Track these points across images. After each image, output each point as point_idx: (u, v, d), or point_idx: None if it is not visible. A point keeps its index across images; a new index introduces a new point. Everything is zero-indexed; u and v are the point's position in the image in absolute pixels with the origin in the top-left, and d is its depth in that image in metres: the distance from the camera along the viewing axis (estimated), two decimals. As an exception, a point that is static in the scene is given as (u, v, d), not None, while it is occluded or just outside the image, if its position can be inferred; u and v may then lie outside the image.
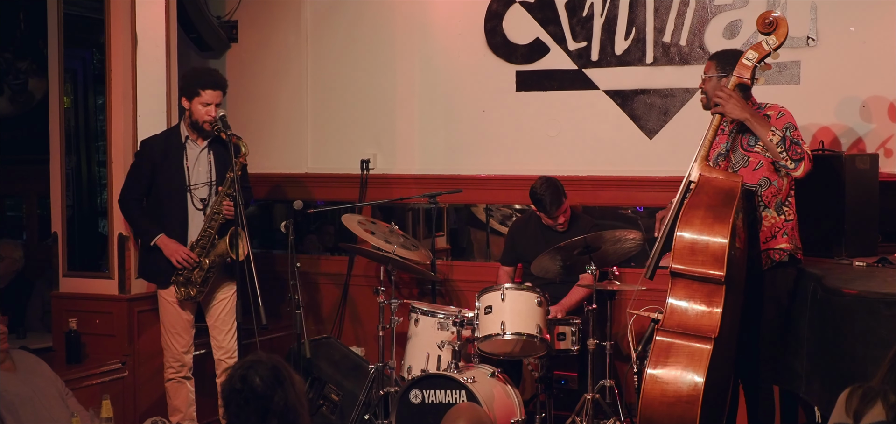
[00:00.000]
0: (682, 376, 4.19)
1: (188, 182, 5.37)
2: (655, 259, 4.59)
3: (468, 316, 5.37)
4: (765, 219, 4.61)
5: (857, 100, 5.57)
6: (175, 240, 5.35)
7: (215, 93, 5.33)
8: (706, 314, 4.24)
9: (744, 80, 4.53)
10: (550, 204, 5.60)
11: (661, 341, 4.28)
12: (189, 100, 5.35)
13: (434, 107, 6.62)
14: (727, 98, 4.51)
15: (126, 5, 5.69)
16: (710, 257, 4.23)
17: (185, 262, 5.31)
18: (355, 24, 6.80)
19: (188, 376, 5.53)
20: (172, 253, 5.32)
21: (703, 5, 5.89)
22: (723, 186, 4.40)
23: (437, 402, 5.02)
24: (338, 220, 6.56)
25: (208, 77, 5.39)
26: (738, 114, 4.51)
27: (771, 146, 4.49)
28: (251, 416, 2.91)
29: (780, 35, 4.49)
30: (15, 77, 7.37)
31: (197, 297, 5.39)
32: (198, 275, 5.34)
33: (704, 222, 4.27)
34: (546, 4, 6.27)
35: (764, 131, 4.49)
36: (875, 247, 5.05)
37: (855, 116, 5.57)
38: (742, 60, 4.54)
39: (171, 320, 5.47)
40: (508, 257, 6.00)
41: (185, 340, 5.50)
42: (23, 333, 6.26)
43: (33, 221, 7.64)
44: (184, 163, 5.36)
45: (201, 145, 5.42)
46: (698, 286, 4.27)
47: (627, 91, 6.11)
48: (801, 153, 4.46)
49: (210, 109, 5.31)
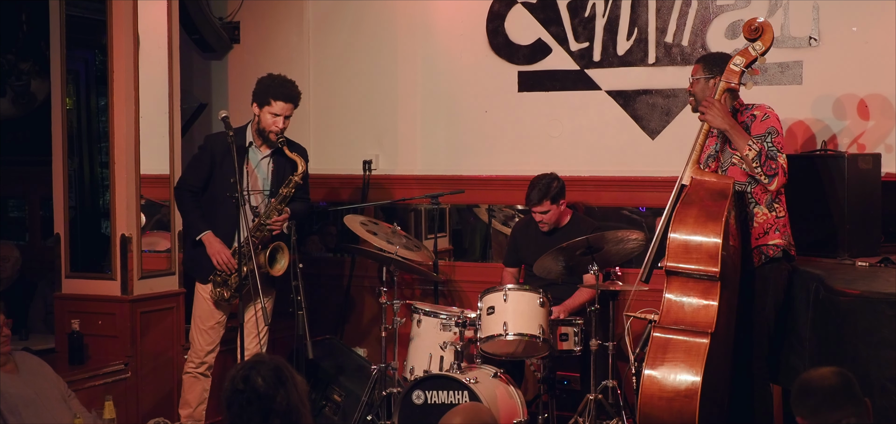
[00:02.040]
0: (680, 371, 4.23)
1: (245, 186, 5.33)
2: (650, 262, 4.64)
3: (470, 317, 5.37)
4: (757, 216, 4.66)
5: (859, 99, 5.56)
6: (220, 240, 5.35)
7: (286, 105, 5.31)
8: (702, 309, 4.29)
9: (731, 85, 4.64)
10: (529, 197, 5.61)
11: (658, 337, 4.33)
12: (260, 107, 5.34)
13: (436, 108, 6.62)
14: (710, 106, 4.61)
15: (128, 6, 5.69)
16: (705, 255, 4.30)
17: (226, 267, 5.32)
18: (357, 25, 6.80)
19: (206, 373, 5.55)
20: (215, 253, 5.32)
21: (704, 6, 5.89)
22: (715, 187, 4.48)
23: (439, 403, 5.02)
24: (340, 221, 6.56)
25: (282, 89, 5.34)
26: (719, 124, 4.60)
27: (747, 160, 4.58)
28: (253, 416, 2.91)
29: (765, 40, 4.61)
30: (17, 78, 7.37)
31: (230, 300, 5.40)
32: (234, 280, 5.33)
33: (698, 221, 4.35)
34: (548, 5, 6.27)
35: (742, 144, 4.58)
36: (877, 247, 5.06)
37: (859, 116, 5.57)
38: (730, 66, 4.64)
39: (203, 316, 5.48)
40: (511, 258, 6.00)
41: (212, 339, 5.51)
42: (25, 334, 6.25)
43: (36, 222, 7.64)
44: (244, 166, 5.34)
45: (264, 152, 5.42)
46: (694, 283, 4.33)
47: (629, 91, 6.11)
48: (775, 169, 4.55)
49: (278, 121, 5.30)
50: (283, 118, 5.31)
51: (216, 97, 7.17)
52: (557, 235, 5.65)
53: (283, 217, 5.31)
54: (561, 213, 5.67)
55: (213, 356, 5.55)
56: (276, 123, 5.30)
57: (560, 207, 5.64)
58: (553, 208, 5.59)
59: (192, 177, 5.49)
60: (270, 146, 5.41)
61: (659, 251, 4.63)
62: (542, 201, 5.57)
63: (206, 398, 5.56)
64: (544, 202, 5.58)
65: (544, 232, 5.70)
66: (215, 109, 6.82)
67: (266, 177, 5.43)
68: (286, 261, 5.29)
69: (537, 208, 5.60)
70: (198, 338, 5.51)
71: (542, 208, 5.59)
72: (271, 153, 5.43)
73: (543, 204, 5.58)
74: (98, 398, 5.04)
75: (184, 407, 5.54)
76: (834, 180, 4.99)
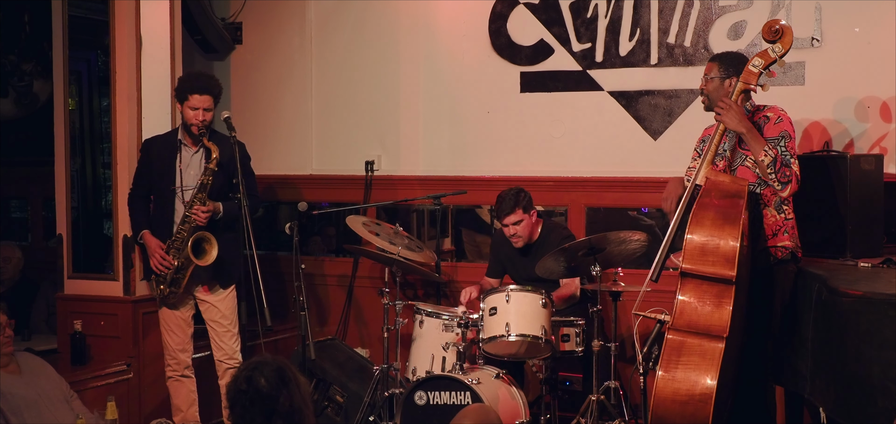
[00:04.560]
0: (695, 375, 4.19)
1: (178, 183, 5.41)
2: (661, 261, 4.60)
3: (473, 318, 5.36)
4: (766, 217, 4.65)
5: (861, 101, 5.56)
6: (158, 239, 5.41)
7: (203, 97, 5.35)
8: (716, 313, 4.26)
9: (749, 86, 4.59)
10: (500, 209, 5.57)
11: (672, 339, 4.28)
12: (180, 104, 5.41)
13: (438, 108, 6.62)
14: (728, 109, 4.56)
15: (131, 7, 5.69)
16: (721, 259, 4.25)
17: (160, 263, 5.37)
18: (360, 26, 6.81)
19: (187, 374, 5.56)
20: (151, 252, 5.40)
21: (707, 6, 5.88)
22: (730, 188, 4.44)
23: (441, 403, 5.02)
24: (342, 221, 6.56)
25: (197, 82, 5.41)
26: (736, 126, 4.56)
27: (761, 166, 4.55)
28: (256, 417, 2.92)
29: (785, 43, 4.55)
30: (20, 79, 7.38)
31: (169, 297, 5.44)
32: (169, 274, 5.39)
33: (715, 224, 4.30)
34: (550, 5, 6.27)
35: (758, 149, 4.54)
36: (880, 248, 5.05)
37: (860, 117, 5.57)
38: (748, 67, 4.58)
39: (166, 315, 5.54)
40: (493, 268, 5.96)
41: (180, 338, 5.54)
42: (28, 335, 6.26)
43: (38, 223, 7.65)
44: (176, 164, 5.41)
45: (194, 149, 5.46)
46: (708, 286, 4.29)
47: (632, 92, 6.11)
48: (789, 176, 4.52)
49: (198, 114, 5.34)
50: (202, 110, 5.35)
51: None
52: (533, 249, 5.63)
53: (207, 207, 5.31)
54: (533, 224, 5.64)
55: (188, 356, 5.58)
56: (197, 117, 5.35)
57: (531, 217, 5.60)
58: (525, 217, 5.55)
59: (135, 183, 5.59)
60: (196, 141, 5.44)
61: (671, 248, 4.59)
62: (514, 210, 5.53)
63: (194, 399, 5.58)
64: (516, 211, 5.53)
65: (518, 248, 5.66)
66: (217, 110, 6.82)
67: (198, 171, 5.44)
68: (215, 252, 5.30)
69: (510, 219, 5.54)
70: (167, 338, 5.56)
71: (515, 218, 5.54)
72: (200, 148, 5.45)
73: (516, 213, 5.53)
74: (100, 398, 5.05)
75: (176, 413, 5.57)
76: (837, 180, 4.99)
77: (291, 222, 5.67)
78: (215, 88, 5.44)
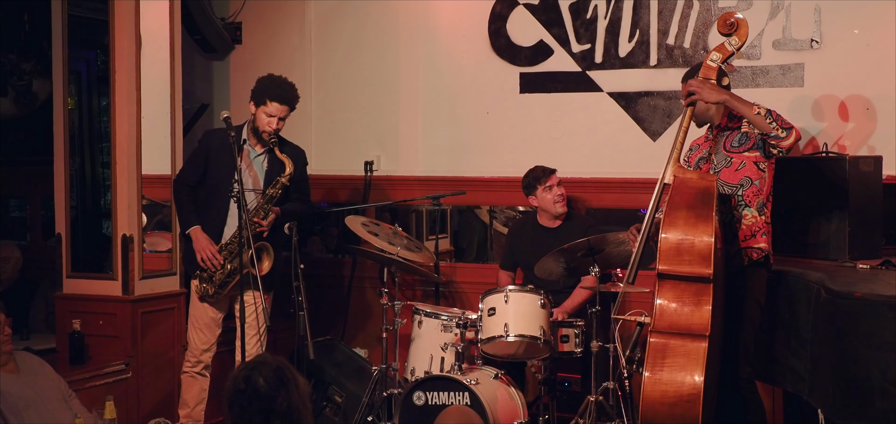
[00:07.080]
0: (682, 375, 4.19)
1: (248, 184, 5.36)
2: (636, 264, 4.61)
3: (472, 318, 5.37)
4: (745, 218, 4.62)
5: (860, 102, 5.56)
6: (208, 236, 5.36)
7: (281, 107, 5.34)
8: (696, 312, 4.25)
9: (709, 80, 4.59)
10: (538, 179, 5.73)
11: (655, 342, 4.27)
12: (256, 106, 5.37)
13: (438, 109, 6.62)
14: (701, 85, 4.56)
15: (130, 7, 5.69)
16: (697, 257, 4.24)
17: (209, 263, 5.33)
18: (359, 26, 6.81)
19: (203, 373, 5.55)
20: (200, 249, 5.34)
21: (706, 7, 5.89)
22: (699, 185, 4.41)
23: (440, 404, 5.02)
24: (341, 221, 6.56)
25: (278, 89, 5.37)
26: (716, 97, 4.56)
27: (758, 119, 4.50)
28: (255, 417, 2.92)
29: (741, 36, 4.58)
30: (19, 78, 7.37)
31: (213, 297, 5.41)
32: (218, 277, 5.36)
33: (688, 223, 4.28)
34: (550, 6, 6.27)
35: (747, 109, 4.52)
36: (879, 249, 5.05)
37: (859, 119, 5.57)
38: (707, 61, 4.62)
39: (196, 313, 5.49)
40: (507, 261, 6.00)
41: (207, 337, 5.51)
42: (26, 334, 6.25)
43: (37, 222, 7.64)
44: (237, 163, 5.32)
45: (258, 151, 5.44)
46: (686, 285, 4.28)
47: (631, 93, 6.11)
48: (789, 123, 4.50)
49: (272, 121, 5.32)
50: (277, 119, 5.34)
51: (218, 98, 7.18)
52: (555, 234, 5.66)
53: (270, 219, 5.31)
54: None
55: (210, 356, 5.55)
56: (270, 124, 5.32)
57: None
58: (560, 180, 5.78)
59: (186, 172, 5.54)
60: (264, 146, 5.42)
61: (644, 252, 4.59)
62: (553, 173, 5.74)
63: (204, 398, 5.56)
64: (553, 175, 5.74)
65: (541, 234, 5.72)
66: (217, 110, 6.83)
67: (260, 175, 5.44)
68: (270, 263, 5.26)
69: (553, 179, 5.74)
70: (194, 336, 5.52)
71: (557, 179, 5.74)
72: (265, 152, 5.44)
73: (555, 176, 5.74)
74: (99, 398, 5.04)
75: (182, 407, 5.55)
76: (835, 182, 4.98)
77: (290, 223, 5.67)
78: (294, 99, 5.43)
